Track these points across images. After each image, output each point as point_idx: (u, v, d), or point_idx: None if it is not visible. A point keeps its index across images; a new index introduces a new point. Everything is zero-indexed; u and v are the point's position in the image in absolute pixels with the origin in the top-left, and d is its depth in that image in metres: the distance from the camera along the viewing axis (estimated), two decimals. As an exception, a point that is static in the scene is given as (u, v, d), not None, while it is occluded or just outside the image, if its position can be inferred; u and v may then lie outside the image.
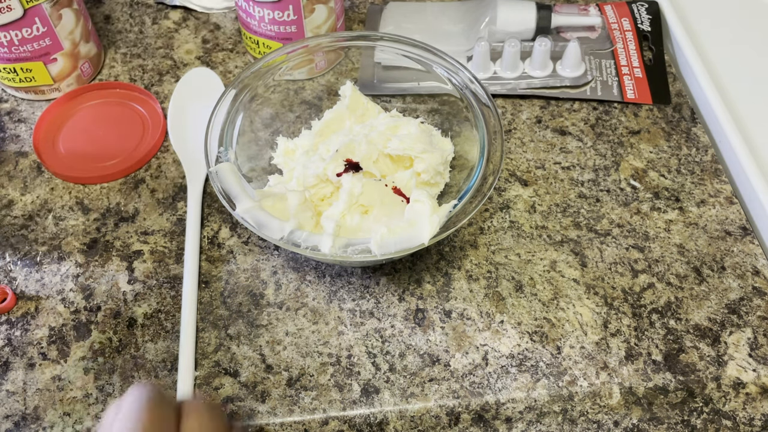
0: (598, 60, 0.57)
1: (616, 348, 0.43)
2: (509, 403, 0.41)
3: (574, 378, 0.41)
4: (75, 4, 0.53)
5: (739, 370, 0.42)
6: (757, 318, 0.44)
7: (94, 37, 0.57)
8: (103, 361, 0.42)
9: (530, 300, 0.45)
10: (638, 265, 0.46)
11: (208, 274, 0.46)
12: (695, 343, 0.43)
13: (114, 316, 0.44)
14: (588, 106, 0.56)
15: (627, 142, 0.53)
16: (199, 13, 0.63)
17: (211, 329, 0.43)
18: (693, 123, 0.54)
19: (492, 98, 0.45)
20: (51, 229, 0.48)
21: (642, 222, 0.49)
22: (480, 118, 0.44)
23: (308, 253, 0.39)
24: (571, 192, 0.50)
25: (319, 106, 0.51)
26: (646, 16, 0.60)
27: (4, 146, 0.53)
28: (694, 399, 0.41)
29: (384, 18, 0.61)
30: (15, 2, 0.48)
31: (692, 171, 0.52)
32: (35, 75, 0.54)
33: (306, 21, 0.52)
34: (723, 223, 0.49)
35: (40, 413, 0.40)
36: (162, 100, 0.56)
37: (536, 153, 0.52)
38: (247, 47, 0.57)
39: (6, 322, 0.44)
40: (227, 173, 0.42)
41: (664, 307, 0.44)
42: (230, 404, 0.40)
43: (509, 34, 0.57)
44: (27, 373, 0.42)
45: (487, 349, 0.43)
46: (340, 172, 0.44)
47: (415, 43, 0.48)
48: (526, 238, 0.48)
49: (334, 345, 0.43)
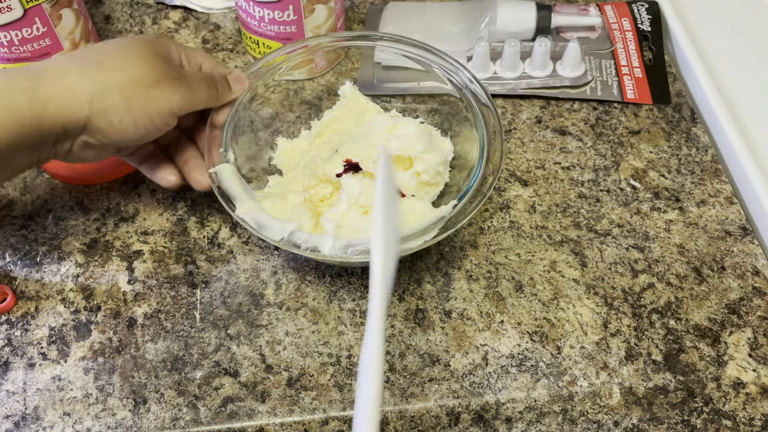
0: (598, 60, 0.57)
1: (616, 348, 0.43)
2: (509, 403, 0.41)
3: (574, 378, 0.41)
4: (75, 4, 0.53)
5: (739, 370, 0.42)
6: (757, 318, 0.44)
7: (94, 37, 0.57)
8: (103, 361, 0.42)
9: (530, 300, 0.45)
10: (638, 265, 0.46)
11: (208, 274, 0.46)
12: (695, 343, 0.43)
13: (114, 316, 0.44)
14: (588, 106, 0.56)
15: (627, 142, 0.53)
16: (199, 13, 0.63)
17: (211, 329, 0.43)
18: (693, 123, 0.54)
19: (491, 98, 0.45)
20: (51, 229, 0.48)
21: (642, 222, 0.49)
22: (480, 118, 0.44)
23: (308, 254, 0.39)
24: (571, 192, 0.50)
25: (319, 106, 0.51)
26: (646, 16, 0.60)
27: (4, 146, 0.53)
28: (694, 399, 0.41)
29: (384, 18, 0.61)
30: (15, 2, 0.48)
31: (692, 171, 0.52)
32: (35, 75, 0.54)
33: (306, 21, 0.52)
34: (723, 223, 0.49)
35: (40, 413, 0.40)
36: (162, 100, 0.56)
37: (536, 153, 0.52)
38: (247, 47, 0.57)
39: (6, 322, 0.44)
40: (227, 174, 0.42)
41: (664, 307, 0.44)
42: (230, 404, 0.40)
43: (509, 34, 0.57)
44: (27, 373, 0.42)
45: (487, 349, 0.43)
46: (340, 172, 0.44)
47: (415, 43, 0.48)
48: (526, 238, 0.48)
49: (334, 345, 0.43)
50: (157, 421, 0.40)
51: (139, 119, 0.39)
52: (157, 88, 0.39)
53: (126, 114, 0.38)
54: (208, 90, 0.42)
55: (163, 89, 0.39)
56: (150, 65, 0.39)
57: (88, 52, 0.39)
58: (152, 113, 0.39)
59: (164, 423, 0.40)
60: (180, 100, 0.40)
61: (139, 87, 0.38)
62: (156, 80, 0.39)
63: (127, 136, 0.39)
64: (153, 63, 0.39)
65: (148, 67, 0.39)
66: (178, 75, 0.40)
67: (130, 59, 0.39)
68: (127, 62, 0.38)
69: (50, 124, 0.37)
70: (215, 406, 0.40)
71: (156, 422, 0.40)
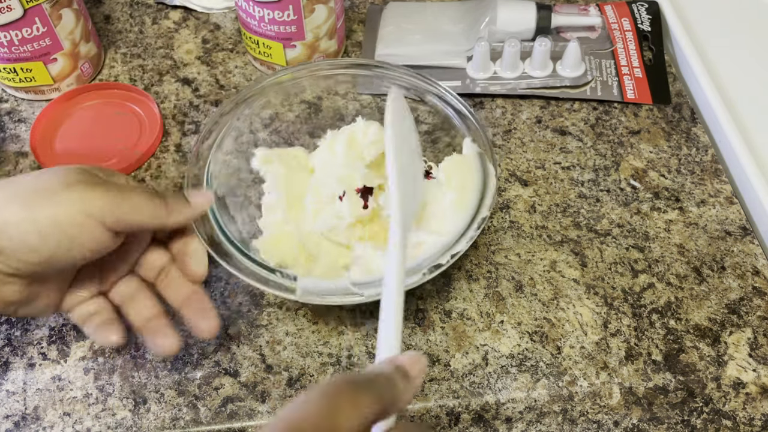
0: (598, 60, 0.57)
1: (616, 348, 0.43)
2: (509, 403, 0.41)
3: (574, 378, 0.41)
4: (75, 4, 0.53)
5: (739, 370, 0.42)
6: (757, 318, 0.44)
7: (94, 37, 0.57)
8: (103, 361, 0.42)
9: (530, 300, 0.45)
10: (638, 265, 0.46)
11: (209, 274, 0.46)
12: (695, 343, 0.43)
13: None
14: (588, 106, 0.56)
15: (627, 142, 0.53)
16: (199, 13, 0.63)
17: (211, 329, 0.43)
18: (693, 123, 0.54)
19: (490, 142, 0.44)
20: (51, 229, 0.48)
21: (642, 222, 0.49)
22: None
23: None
24: (571, 192, 0.50)
25: (319, 106, 0.51)
26: (646, 16, 0.60)
27: (4, 146, 0.53)
28: (694, 399, 0.41)
29: (384, 18, 0.61)
30: (15, 2, 0.48)
31: (692, 171, 0.52)
32: (35, 75, 0.54)
33: (306, 21, 0.52)
34: (723, 223, 0.49)
35: (40, 413, 0.40)
36: (162, 100, 0.56)
37: (536, 153, 0.52)
38: (247, 47, 0.57)
39: (6, 321, 0.44)
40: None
41: (664, 307, 0.44)
42: (230, 404, 0.40)
43: (509, 34, 0.57)
44: (27, 373, 0.42)
45: (487, 349, 0.43)
46: (364, 203, 0.43)
47: (409, 72, 0.47)
48: (526, 238, 0.48)
49: (334, 345, 0.43)
50: (157, 421, 0.40)
51: (44, 228, 0.31)
52: (68, 191, 0.32)
53: (28, 224, 0.31)
54: (150, 200, 0.34)
55: (75, 192, 0.32)
56: (65, 171, 0.33)
57: (10, 178, 0.33)
58: (62, 221, 0.31)
59: (164, 423, 0.40)
60: (104, 206, 0.32)
61: (46, 192, 0.31)
62: (67, 183, 0.32)
63: (34, 253, 0.31)
64: (71, 170, 0.33)
65: (62, 172, 0.32)
66: (98, 180, 0.33)
67: (45, 172, 0.33)
68: (40, 175, 0.33)
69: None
70: (215, 406, 0.40)
71: (156, 422, 0.40)
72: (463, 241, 0.40)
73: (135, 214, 0.34)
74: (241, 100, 0.46)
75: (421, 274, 0.38)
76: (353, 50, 0.60)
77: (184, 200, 0.37)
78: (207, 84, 0.57)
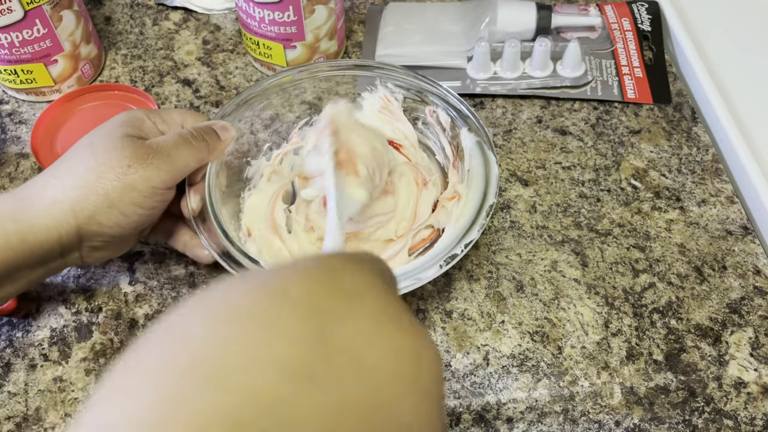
0: (598, 60, 0.57)
1: (617, 348, 0.43)
2: (510, 403, 0.41)
3: (575, 378, 0.41)
4: (75, 6, 0.53)
5: (741, 370, 0.42)
6: (759, 317, 0.44)
7: (94, 39, 0.57)
8: (104, 362, 0.42)
9: (531, 300, 0.45)
10: (639, 264, 0.46)
11: (209, 275, 0.46)
12: (696, 343, 0.43)
13: (115, 317, 0.44)
14: (588, 106, 0.56)
15: (627, 142, 0.53)
16: (199, 14, 0.63)
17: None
18: (694, 122, 0.54)
19: (491, 142, 0.44)
20: (52, 230, 0.48)
21: (643, 222, 0.49)
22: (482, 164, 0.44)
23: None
24: (572, 192, 0.50)
25: (319, 106, 0.51)
26: (646, 16, 0.60)
27: (5, 148, 0.53)
28: (696, 399, 0.41)
29: (384, 18, 0.61)
30: (16, 4, 0.48)
31: (693, 170, 0.52)
32: (36, 76, 0.54)
33: (306, 22, 0.52)
34: (724, 222, 0.49)
35: (42, 414, 0.40)
36: (162, 101, 0.56)
37: (537, 153, 0.52)
38: (248, 48, 0.57)
39: (7, 323, 0.44)
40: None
41: (665, 307, 0.44)
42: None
43: (509, 34, 0.57)
44: (28, 374, 0.42)
45: (488, 349, 0.43)
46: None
47: (409, 74, 0.47)
48: (526, 238, 0.48)
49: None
50: (158, 421, 0.40)
51: (124, 209, 0.38)
52: (129, 173, 0.38)
53: (110, 210, 0.37)
54: (194, 148, 0.41)
55: (137, 171, 0.38)
56: (117, 153, 0.38)
57: (62, 161, 0.39)
58: (135, 199, 0.38)
59: (165, 424, 0.40)
60: (159, 175, 0.38)
61: (110, 179, 0.37)
62: (126, 166, 0.38)
63: (124, 228, 0.39)
64: (120, 150, 0.38)
65: (115, 155, 0.38)
66: (149, 151, 0.39)
67: (98, 154, 0.38)
68: (96, 159, 0.38)
69: (40, 244, 0.36)
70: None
71: (157, 423, 0.40)
72: (475, 229, 0.40)
73: (187, 168, 0.40)
74: (242, 101, 0.46)
75: (438, 266, 0.39)
76: (353, 51, 0.60)
77: (216, 136, 0.43)
78: (207, 85, 0.57)
